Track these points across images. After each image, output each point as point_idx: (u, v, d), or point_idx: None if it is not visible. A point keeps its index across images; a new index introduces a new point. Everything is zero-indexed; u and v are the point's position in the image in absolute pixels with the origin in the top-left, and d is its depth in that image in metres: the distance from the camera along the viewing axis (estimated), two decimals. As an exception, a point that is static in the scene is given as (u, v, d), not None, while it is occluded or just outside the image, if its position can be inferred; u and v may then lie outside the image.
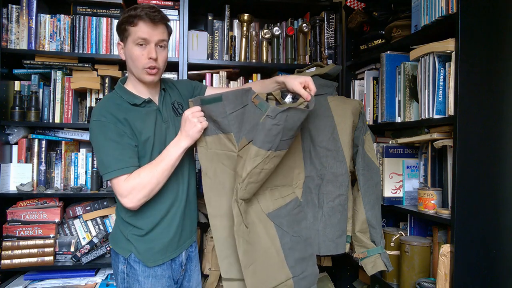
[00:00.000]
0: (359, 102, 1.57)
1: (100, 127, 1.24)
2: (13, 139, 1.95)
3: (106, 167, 1.22)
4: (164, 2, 2.04)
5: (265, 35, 2.10)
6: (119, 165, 1.21)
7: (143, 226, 1.31)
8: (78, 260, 1.88)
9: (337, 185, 1.45)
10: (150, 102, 1.34)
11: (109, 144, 1.22)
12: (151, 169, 1.23)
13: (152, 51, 1.25)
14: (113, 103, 1.29)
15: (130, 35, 1.25)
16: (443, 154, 1.52)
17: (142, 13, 1.23)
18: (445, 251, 1.31)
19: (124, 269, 1.31)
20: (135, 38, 1.24)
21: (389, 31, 1.74)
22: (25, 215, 1.88)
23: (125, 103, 1.30)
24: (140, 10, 1.24)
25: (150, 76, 1.29)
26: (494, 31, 1.31)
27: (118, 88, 1.34)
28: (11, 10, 1.93)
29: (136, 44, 1.25)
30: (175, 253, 1.36)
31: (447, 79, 1.37)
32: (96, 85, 2.02)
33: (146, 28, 1.24)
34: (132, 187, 1.21)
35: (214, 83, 2.08)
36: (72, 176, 2.04)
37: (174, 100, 1.44)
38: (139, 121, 1.28)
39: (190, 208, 1.42)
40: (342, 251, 1.47)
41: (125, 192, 1.21)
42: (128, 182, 1.21)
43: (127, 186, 1.21)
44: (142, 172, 1.23)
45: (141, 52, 1.25)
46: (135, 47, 1.25)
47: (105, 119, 1.24)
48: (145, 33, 1.24)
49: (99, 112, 1.26)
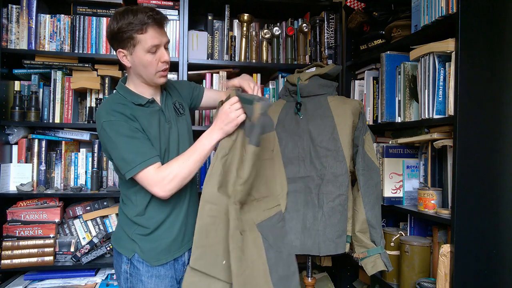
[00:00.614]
0: (359, 102, 1.57)
1: (111, 127, 1.22)
2: (13, 139, 1.95)
3: (129, 163, 1.21)
4: (164, 2, 2.04)
5: (265, 35, 2.10)
6: (143, 157, 1.21)
7: (149, 225, 1.32)
8: (78, 260, 1.88)
9: (337, 185, 1.46)
10: (153, 102, 1.34)
11: (126, 141, 1.22)
12: (183, 159, 1.24)
13: (165, 55, 1.27)
14: (118, 103, 1.28)
15: (140, 43, 1.22)
16: (443, 154, 1.52)
17: (149, 20, 1.20)
18: (445, 251, 1.31)
19: (127, 269, 1.32)
20: (148, 47, 1.22)
21: (389, 31, 1.74)
22: (25, 215, 1.88)
23: (130, 103, 1.29)
24: (144, 15, 1.20)
25: (163, 78, 1.31)
26: (494, 31, 1.31)
27: (120, 88, 1.33)
28: (11, 10, 1.93)
29: (148, 52, 1.23)
30: (178, 252, 1.37)
31: (447, 79, 1.37)
32: (96, 85, 2.02)
33: (156, 33, 1.23)
34: (163, 177, 1.21)
35: (214, 83, 2.08)
36: (72, 176, 2.04)
37: (175, 100, 1.44)
38: (144, 121, 1.29)
39: (193, 207, 1.43)
40: (342, 251, 1.47)
41: (154, 182, 1.21)
42: (159, 173, 1.21)
43: (157, 176, 1.21)
44: (175, 163, 1.23)
45: (154, 58, 1.25)
46: (147, 54, 1.23)
47: (115, 118, 1.23)
48: (156, 39, 1.23)
49: (106, 112, 1.24)
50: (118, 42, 1.25)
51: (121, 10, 1.23)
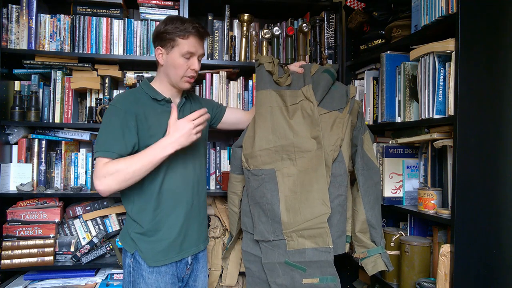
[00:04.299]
0: (357, 102, 1.57)
1: (110, 111, 1.32)
2: (13, 139, 1.95)
3: (97, 145, 1.28)
4: (164, 2, 2.05)
5: (265, 35, 2.10)
6: (107, 147, 1.26)
7: (145, 225, 1.34)
8: (78, 260, 1.88)
9: (336, 185, 1.45)
10: (169, 102, 1.40)
11: (109, 127, 1.29)
12: (132, 160, 1.26)
13: (196, 64, 1.37)
14: (133, 95, 1.37)
15: (178, 46, 1.34)
16: (443, 154, 1.52)
17: (193, 30, 1.33)
18: (445, 251, 1.31)
19: (130, 263, 1.36)
20: (184, 52, 1.34)
21: (389, 31, 1.74)
22: (25, 215, 1.88)
23: (145, 97, 1.38)
24: (190, 25, 1.33)
25: (188, 84, 1.40)
26: (494, 31, 1.31)
27: (144, 84, 1.42)
28: (11, 10, 1.93)
29: (182, 56, 1.34)
30: (177, 256, 1.38)
31: (447, 79, 1.37)
32: (96, 85, 2.02)
33: (195, 43, 1.35)
34: (106, 171, 1.23)
35: (214, 83, 2.08)
36: (72, 176, 2.04)
37: (194, 110, 1.47)
38: (152, 115, 1.35)
39: (196, 212, 1.43)
40: (342, 251, 1.47)
41: (97, 174, 1.25)
42: (105, 167, 1.24)
43: (102, 170, 1.24)
44: (122, 161, 1.25)
45: (185, 63, 1.36)
46: (180, 58, 1.35)
47: (120, 105, 1.32)
48: (193, 47, 1.35)
49: (117, 99, 1.35)
50: (160, 41, 1.37)
51: (173, 16, 1.38)
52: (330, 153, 1.43)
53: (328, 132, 1.46)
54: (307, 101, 1.50)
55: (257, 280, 1.53)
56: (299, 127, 1.47)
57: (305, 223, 1.38)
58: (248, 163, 1.51)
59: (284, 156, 1.46)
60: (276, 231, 1.43)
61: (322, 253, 1.38)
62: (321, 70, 1.61)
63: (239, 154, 1.57)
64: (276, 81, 1.59)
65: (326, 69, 1.61)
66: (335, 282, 1.39)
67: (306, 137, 1.45)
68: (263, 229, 1.46)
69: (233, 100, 2.10)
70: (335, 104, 1.53)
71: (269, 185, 1.45)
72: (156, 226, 1.34)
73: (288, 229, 1.41)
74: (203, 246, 1.50)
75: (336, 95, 1.57)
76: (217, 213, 1.97)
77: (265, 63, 1.62)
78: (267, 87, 1.57)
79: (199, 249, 1.47)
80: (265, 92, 1.56)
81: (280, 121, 1.49)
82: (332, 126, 1.48)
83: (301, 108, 1.50)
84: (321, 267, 1.39)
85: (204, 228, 1.50)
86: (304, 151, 1.44)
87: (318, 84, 1.55)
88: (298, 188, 1.42)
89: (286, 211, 1.41)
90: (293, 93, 1.54)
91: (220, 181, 2.07)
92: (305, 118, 1.48)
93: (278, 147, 1.46)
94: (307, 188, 1.41)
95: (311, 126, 1.46)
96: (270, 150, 1.47)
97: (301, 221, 1.39)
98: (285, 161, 1.46)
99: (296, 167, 1.45)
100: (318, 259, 1.39)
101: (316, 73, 1.61)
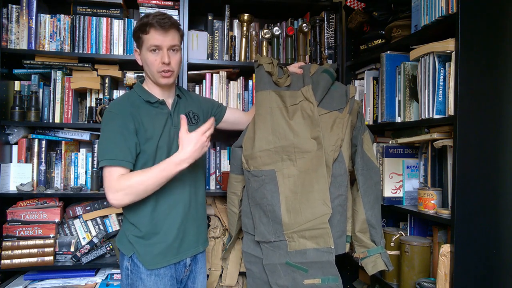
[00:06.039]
0: (357, 102, 1.57)
1: (107, 117, 1.32)
2: (13, 139, 1.95)
3: (102, 153, 1.28)
4: (164, 2, 2.04)
5: (265, 35, 2.10)
6: (114, 155, 1.26)
7: (142, 228, 1.33)
8: (78, 260, 1.88)
9: (336, 185, 1.45)
10: (163, 104, 1.40)
11: (110, 133, 1.29)
12: (147, 176, 1.26)
13: (165, 56, 1.33)
14: (127, 99, 1.38)
15: (144, 43, 1.33)
16: (443, 154, 1.52)
17: (153, 21, 1.30)
18: (445, 251, 1.31)
19: (128, 266, 1.35)
20: (148, 46, 1.32)
21: (389, 31, 1.74)
22: (25, 215, 1.88)
23: (139, 100, 1.38)
24: (152, 18, 1.31)
25: (165, 79, 1.36)
26: (494, 31, 1.31)
27: (137, 86, 1.42)
28: (11, 10, 1.93)
29: (149, 50, 1.33)
30: (175, 258, 1.37)
31: (447, 79, 1.37)
32: (96, 85, 2.02)
33: (157, 35, 1.31)
34: (121, 187, 1.24)
35: (214, 83, 2.08)
36: (72, 176, 2.04)
37: (190, 110, 1.49)
38: (147, 118, 1.34)
39: (194, 214, 1.43)
40: (342, 251, 1.47)
41: (111, 188, 1.25)
42: (120, 182, 1.24)
43: (116, 184, 1.24)
44: (137, 177, 1.25)
45: (155, 58, 1.33)
46: (148, 53, 1.33)
47: (116, 110, 1.32)
48: (156, 40, 1.32)
49: (113, 105, 1.35)
50: (135, 42, 1.39)
51: (145, 14, 1.37)
52: (330, 153, 1.43)
53: (328, 133, 1.46)
54: (307, 101, 1.50)
55: (258, 281, 1.52)
56: (299, 128, 1.47)
57: (306, 223, 1.38)
58: (248, 164, 1.50)
59: (284, 157, 1.46)
60: (277, 232, 1.43)
61: (324, 253, 1.38)
62: (320, 70, 1.62)
63: (239, 155, 1.57)
64: (275, 82, 1.59)
65: (325, 69, 1.62)
66: (337, 283, 1.39)
67: (306, 137, 1.45)
68: (264, 230, 1.46)
69: (233, 100, 2.10)
70: (335, 104, 1.53)
71: (270, 186, 1.45)
72: (154, 228, 1.33)
73: (289, 230, 1.41)
74: (202, 248, 1.49)
75: (336, 95, 1.57)
76: (217, 213, 1.98)
77: (264, 64, 1.62)
78: (266, 87, 1.57)
79: (198, 251, 1.46)
80: (265, 93, 1.56)
81: (280, 122, 1.49)
82: (332, 126, 1.48)
83: (301, 108, 1.50)
84: (323, 267, 1.39)
85: (203, 230, 1.49)
86: (304, 151, 1.44)
87: (317, 84, 1.55)
88: (299, 189, 1.42)
89: (287, 211, 1.41)
90: (293, 94, 1.55)
91: (220, 181, 2.07)
92: (305, 119, 1.48)
93: (278, 148, 1.46)
94: (308, 189, 1.41)
95: (311, 127, 1.46)
96: (270, 151, 1.47)
97: (302, 222, 1.39)
98: (285, 162, 1.46)
99: (296, 168, 1.45)
100: (319, 259, 1.39)
101: (315, 73, 1.62)
